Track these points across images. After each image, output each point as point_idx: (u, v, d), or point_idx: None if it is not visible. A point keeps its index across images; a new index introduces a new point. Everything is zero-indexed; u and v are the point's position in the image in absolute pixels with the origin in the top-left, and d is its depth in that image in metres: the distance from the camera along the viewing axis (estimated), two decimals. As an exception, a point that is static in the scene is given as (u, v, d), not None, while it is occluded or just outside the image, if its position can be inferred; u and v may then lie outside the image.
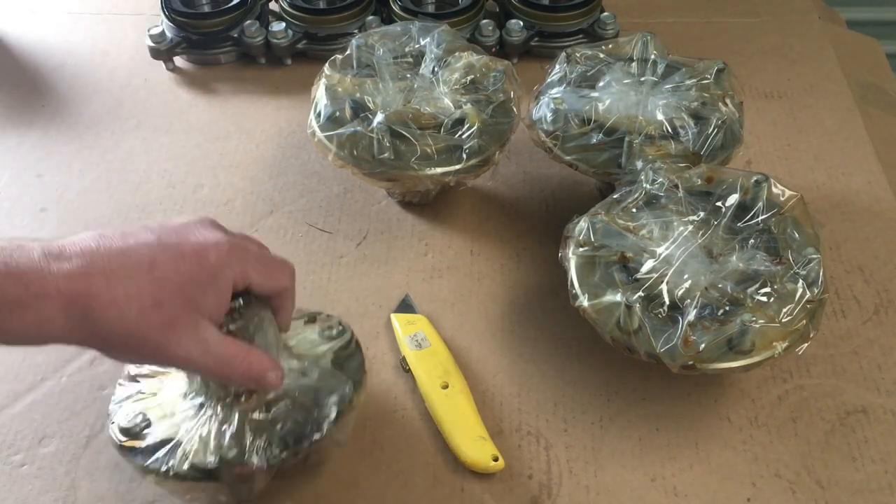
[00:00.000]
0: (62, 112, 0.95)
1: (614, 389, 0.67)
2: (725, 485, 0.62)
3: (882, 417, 0.65)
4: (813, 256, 0.62)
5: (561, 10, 0.98)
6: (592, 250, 0.64)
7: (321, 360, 0.60)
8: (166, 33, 0.98)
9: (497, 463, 0.61)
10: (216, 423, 0.55)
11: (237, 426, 0.54)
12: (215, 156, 0.89)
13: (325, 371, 0.58)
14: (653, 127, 0.73)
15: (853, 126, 0.90)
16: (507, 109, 0.76)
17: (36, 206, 0.84)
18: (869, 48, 1.05)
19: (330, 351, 0.60)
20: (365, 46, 0.80)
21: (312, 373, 0.58)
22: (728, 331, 0.59)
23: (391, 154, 0.72)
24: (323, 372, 0.58)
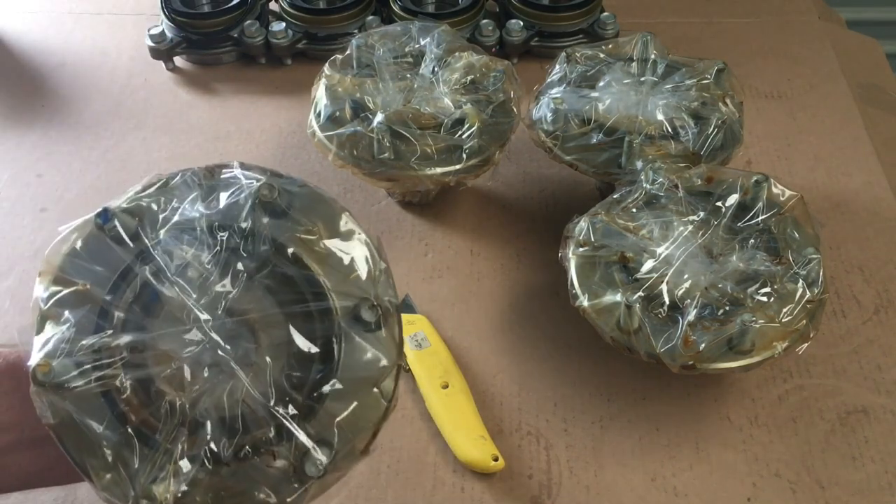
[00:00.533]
0: (62, 112, 0.95)
1: (614, 389, 0.67)
2: (726, 484, 0.62)
3: (882, 417, 0.65)
4: (813, 256, 0.62)
5: (561, 10, 0.98)
6: (592, 250, 0.64)
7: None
8: (166, 33, 0.98)
9: (497, 463, 0.61)
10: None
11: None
12: (215, 156, 0.89)
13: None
14: (653, 127, 0.73)
15: (853, 126, 0.90)
16: (507, 109, 0.76)
17: (36, 206, 0.84)
18: (869, 48, 1.05)
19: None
20: (365, 46, 0.80)
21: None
22: (728, 331, 0.59)
23: (391, 154, 0.72)
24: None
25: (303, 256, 0.46)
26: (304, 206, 0.47)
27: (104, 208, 0.45)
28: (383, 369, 0.45)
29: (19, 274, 0.78)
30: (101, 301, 0.44)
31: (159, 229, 0.45)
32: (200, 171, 0.48)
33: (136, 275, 0.45)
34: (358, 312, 0.45)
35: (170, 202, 0.46)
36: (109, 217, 0.45)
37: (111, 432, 0.43)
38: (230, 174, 0.48)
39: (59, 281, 0.45)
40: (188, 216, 0.46)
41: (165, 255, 0.45)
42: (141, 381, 0.44)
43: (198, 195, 0.47)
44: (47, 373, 0.43)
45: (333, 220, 0.47)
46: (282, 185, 0.47)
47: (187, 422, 0.44)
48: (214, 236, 0.45)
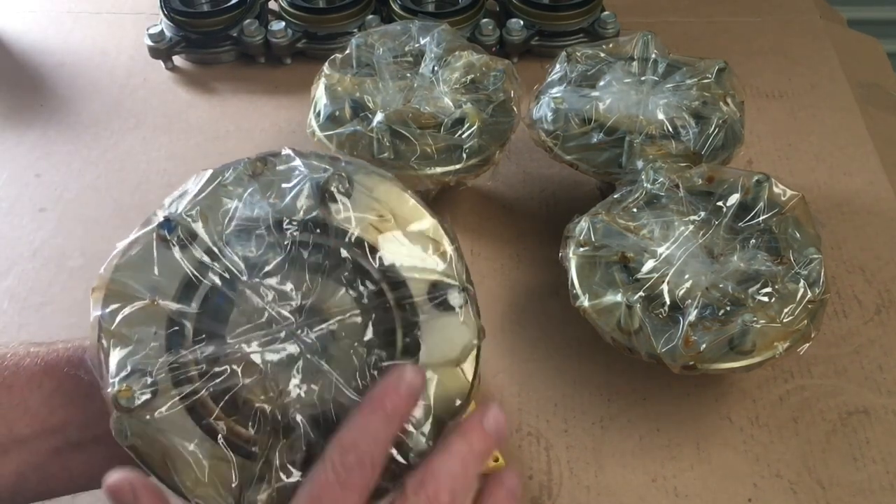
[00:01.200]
0: (61, 111, 0.95)
1: (615, 389, 0.67)
2: (726, 485, 0.62)
3: (883, 417, 0.65)
4: (814, 256, 0.62)
5: (561, 10, 0.98)
6: (593, 250, 0.64)
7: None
8: (165, 32, 0.98)
9: (497, 463, 0.61)
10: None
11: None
12: (215, 155, 0.89)
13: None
14: (653, 126, 0.72)
15: (854, 125, 0.90)
16: (508, 109, 0.76)
17: (35, 206, 0.84)
18: (870, 47, 1.05)
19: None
20: (365, 46, 0.79)
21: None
22: (729, 331, 0.59)
23: (391, 154, 0.72)
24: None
25: (376, 244, 0.44)
26: (367, 189, 0.45)
27: (166, 218, 0.43)
28: (465, 348, 0.44)
29: (18, 274, 0.78)
30: (170, 314, 0.42)
31: (223, 231, 0.43)
32: (252, 162, 0.46)
33: (202, 282, 0.43)
34: (437, 295, 0.44)
35: (227, 200, 0.44)
36: (173, 227, 0.43)
37: (201, 448, 0.42)
38: (286, 165, 0.46)
39: (120, 297, 0.42)
40: (250, 214, 0.44)
41: (233, 258, 0.43)
42: (226, 392, 0.42)
43: (255, 189, 0.45)
44: (130, 398, 0.41)
45: (400, 201, 0.45)
46: (344, 171, 0.45)
47: (280, 428, 0.42)
48: (282, 232, 0.43)
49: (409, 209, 0.45)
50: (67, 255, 0.79)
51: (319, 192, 0.44)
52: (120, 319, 0.42)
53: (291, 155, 0.46)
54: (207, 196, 0.44)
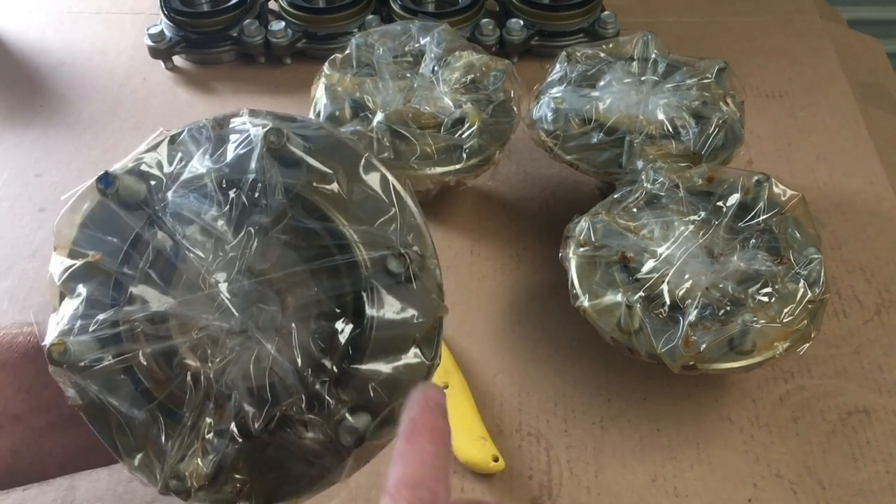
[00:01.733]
0: (61, 111, 0.95)
1: (615, 390, 0.67)
2: (726, 485, 0.61)
3: (884, 418, 0.65)
4: (814, 256, 0.62)
5: (561, 10, 0.98)
6: (593, 250, 0.64)
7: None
8: (165, 32, 0.98)
9: (497, 463, 0.61)
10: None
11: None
12: (215, 155, 0.89)
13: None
14: (653, 126, 0.72)
15: (854, 125, 0.90)
16: (508, 109, 0.76)
17: (34, 206, 0.84)
18: (870, 47, 1.05)
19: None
20: (365, 45, 0.79)
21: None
22: (729, 331, 0.59)
23: (391, 154, 0.72)
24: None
25: (322, 206, 0.41)
26: (320, 150, 0.43)
27: (105, 172, 0.42)
28: (420, 325, 0.41)
29: (18, 274, 0.77)
30: (114, 272, 0.41)
31: (167, 190, 0.42)
32: (208, 122, 0.44)
33: (147, 242, 0.41)
34: (387, 264, 0.41)
35: (176, 159, 0.43)
36: (111, 181, 0.42)
37: (137, 410, 0.40)
38: (238, 124, 0.44)
39: (72, 254, 0.42)
40: (196, 173, 0.42)
41: (175, 218, 0.41)
42: (163, 354, 0.41)
43: (206, 149, 0.43)
44: (63, 352, 0.40)
45: (354, 163, 0.43)
46: (294, 130, 0.42)
47: (213, 394, 0.40)
48: (225, 192, 0.41)
49: (362, 171, 0.43)
50: (67, 255, 0.79)
51: (261, 151, 0.42)
52: (66, 276, 0.41)
53: (245, 114, 0.44)
54: (155, 153, 0.43)
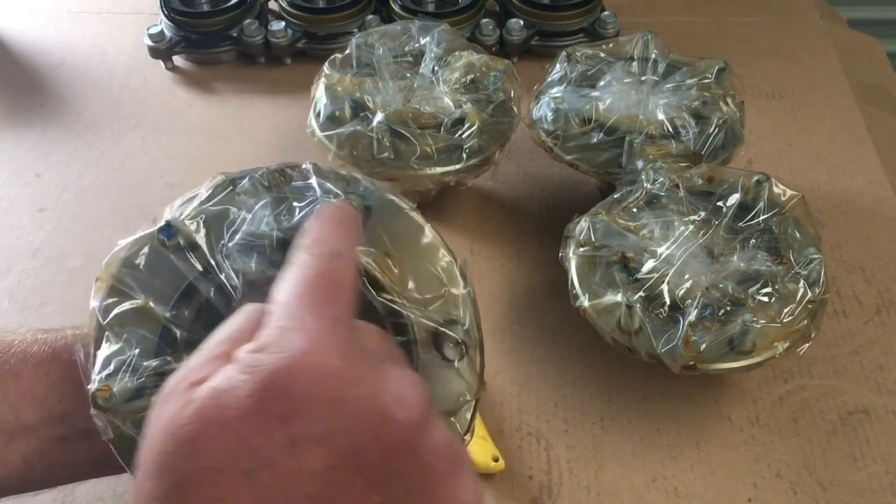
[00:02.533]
0: (60, 111, 0.95)
1: (615, 390, 0.67)
2: (726, 485, 0.61)
3: (884, 418, 0.65)
4: (814, 256, 0.62)
5: (561, 10, 0.98)
6: (593, 250, 0.64)
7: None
8: (165, 32, 0.98)
9: (497, 463, 0.61)
10: None
11: None
12: (215, 155, 0.89)
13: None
14: (653, 126, 0.72)
15: (854, 126, 0.90)
16: (508, 109, 0.76)
17: (34, 206, 0.84)
18: (870, 47, 1.05)
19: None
20: (365, 45, 0.79)
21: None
22: (729, 331, 0.59)
23: (391, 154, 0.72)
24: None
25: (380, 280, 0.42)
26: (381, 219, 0.43)
27: (167, 223, 0.42)
28: (460, 401, 0.42)
29: (18, 274, 0.77)
30: (162, 320, 0.41)
31: (226, 243, 0.42)
32: (268, 173, 0.44)
33: (199, 293, 0.42)
34: (439, 344, 0.41)
35: (237, 211, 0.43)
36: (173, 233, 0.42)
37: None
38: (302, 182, 0.43)
39: (117, 292, 0.42)
40: (257, 230, 0.42)
41: (232, 273, 0.41)
42: None
43: (267, 203, 0.43)
44: (108, 398, 0.40)
45: (415, 237, 0.43)
46: (359, 200, 0.42)
47: None
48: (286, 252, 0.41)
49: (424, 245, 0.44)
50: (67, 255, 0.79)
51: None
52: (113, 316, 0.41)
53: (310, 171, 0.44)
54: (216, 203, 0.43)
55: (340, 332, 0.33)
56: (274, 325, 0.33)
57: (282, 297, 0.34)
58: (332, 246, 0.36)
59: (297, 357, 0.31)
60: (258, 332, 0.33)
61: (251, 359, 0.31)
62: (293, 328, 0.32)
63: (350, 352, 0.32)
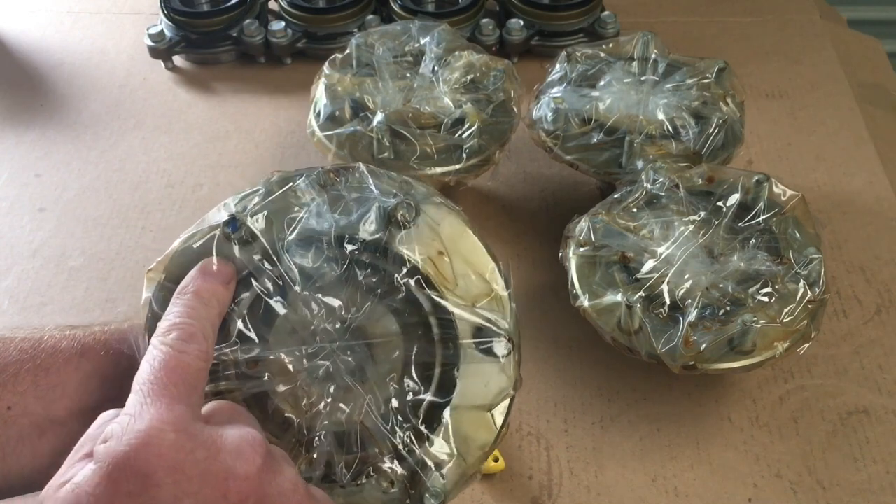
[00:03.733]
0: (60, 111, 0.95)
1: (615, 390, 0.67)
2: (727, 485, 0.61)
3: (884, 418, 0.65)
4: (814, 256, 0.62)
5: (561, 10, 0.98)
6: (593, 250, 0.64)
7: None
8: (165, 32, 0.98)
9: (497, 463, 0.61)
10: None
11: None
12: (214, 155, 0.89)
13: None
14: (653, 126, 0.72)
15: (854, 125, 0.90)
16: (508, 109, 0.76)
17: (34, 206, 0.84)
18: (870, 47, 1.05)
19: None
20: (364, 45, 0.79)
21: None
22: (729, 331, 0.59)
23: (391, 154, 0.72)
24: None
25: (431, 278, 0.44)
26: (432, 221, 0.45)
27: (233, 216, 0.44)
28: (498, 395, 0.44)
29: (18, 274, 0.77)
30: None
31: (286, 238, 0.44)
32: (325, 172, 0.46)
33: (256, 284, 0.43)
34: (482, 340, 0.43)
35: (295, 207, 0.45)
36: (238, 226, 0.43)
37: None
38: (358, 182, 0.46)
39: (174, 284, 0.43)
40: (315, 226, 0.44)
41: (290, 266, 0.43)
42: (257, 396, 0.43)
43: (324, 201, 0.45)
44: None
45: (463, 237, 0.45)
46: (413, 200, 0.44)
47: (304, 441, 0.43)
48: (342, 249, 0.44)
49: (469, 246, 0.45)
50: (67, 255, 0.79)
51: (385, 217, 0.44)
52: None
53: (364, 172, 0.46)
54: (276, 199, 0.45)
55: (176, 411, 0.37)
56: (122, 415, 0.37)
57: (134, 384, 0.38)
58: (181, 332, 0.40)
59: (138, 438, 0.35)
60: (108, 425, 0.37)
61: (101, 450, 0.35)
62: (134, 414, 0.36)
63: (184, 426, 0.36)
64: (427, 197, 0.46)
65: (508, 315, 0.45)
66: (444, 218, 0.45)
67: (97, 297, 0.75)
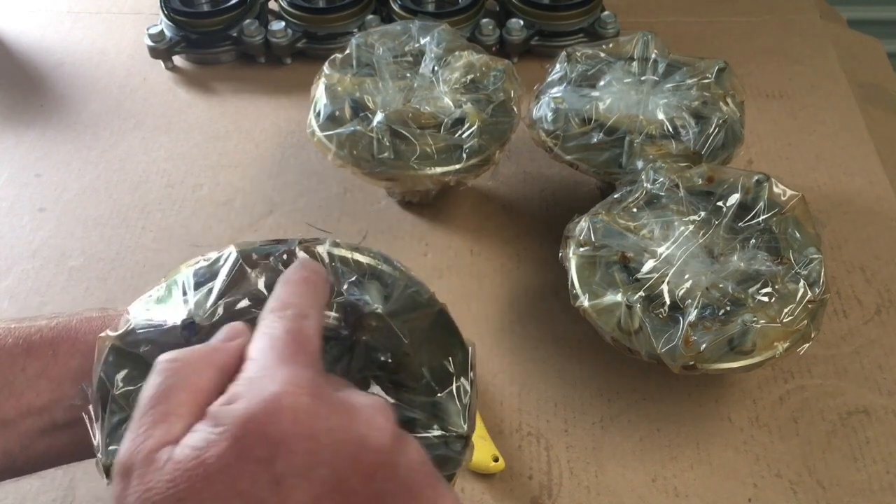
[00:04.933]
0: (60, 111, 0.95)
1: (615, 390, 0.67)
2: (727, 485, 0.61)
3: (884, 418, 0.65)
4: (814, 256, 0.62)
5: (561, 9, 0.98)
6: (593, 250, 0.64)
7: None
8: (165, 32, 0.98)
9: (497, 463, 0.61)
10: None
11: None
12: (214, 155, 0.89)
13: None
14: (653, 126, 0.72)
15: (854, 125, 0.90)
16: (508, 109, 0.76)
17: (34, 206, 0.84)
18: (870, 47, 1.05)
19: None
20: (364, 45, 0.79)
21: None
22: (729, 331, 0.59)
23: (391, 153, 0.72)
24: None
25: (399, 376, 0.43)
26: (402, 309, 0.44)
27: (192, 322, 0.41)
28: (447, 473, 0.43)
29: (18, 274, 0.77)
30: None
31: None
32: (292, 246, 0.44)
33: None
34: (448, 443, 0.43)
35: (255, 299, 0.42)
36: (196, 332, 0.41)
37: None
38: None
39: (123, 358, 0.41)
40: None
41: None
42: None
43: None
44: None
45: (431, 328, 0.45)
46: (383, 296, 0.43)
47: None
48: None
49: (438, 335, 0.45)
50: (67, 255, 0.79)
51: (353, 315, 0.43)
52: (123, 389, 0.41)
53: (336, 261, 0.44)
54: (233, 292, 0.42)
55: (307, 374, 0.35)
56: (243, 378, 0.35)
57: (252, 353, 0.36)
58: (297, 308, 0.39)
59: (270, 401, 0.33)
60: (229, 386, 0.35)
61: (223, 411, 0.33)
62: (262, 377, 0.35)
63: (318, 390, 0.35)
64: (400, 284, 0.45)
65: (465, 409, 0.44)
66: (413, 309, 0.44)
67: (97, 297, 0.75)
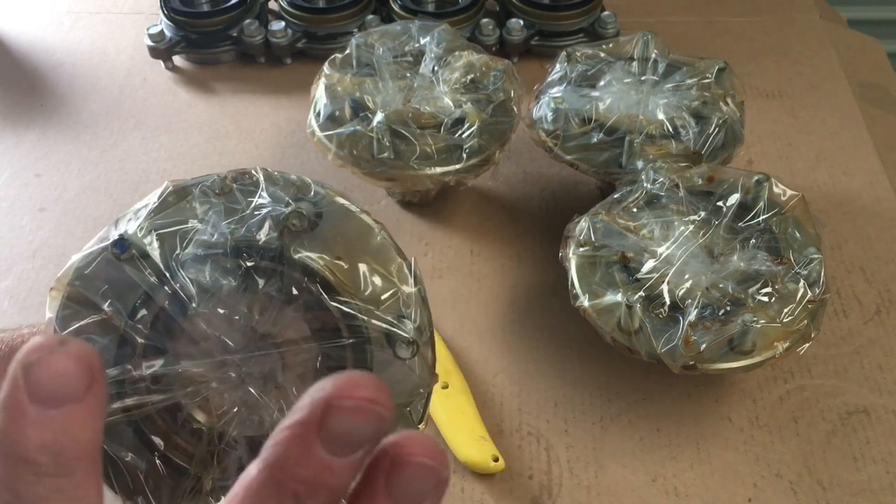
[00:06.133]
0: (60, 111, 0.95)
1: (615, 390, 0.67)
2: (726, 485, 0.61)
3: (884, 418, 0.65)
4: (814, 256, 0.62)
5: (561, 9, 0.98)
6: (593, 250, 0.64)
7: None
8: (165, 32, 0.98)
9: (497, 463, 0.61)
10: None
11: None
12: (214, 155, 0.89)
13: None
14: (654, 126, 0.72)
15: (854, 126, 0.90)
16: (508, 109, 0.76)
17: (34, 206, 0.84)
18: (870, 47, 1.05)
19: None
20: (364, 45, 0.79)
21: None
22: (729, 331, 0.59)
23: (391, 153, 0.72)
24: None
25: (333, 283, 0.43)
26: (333, 223, 0.44)
27: (121, 237, 0.43)
28: (413, 394, 0.44)
29: (18, 274, 0.77)
30: (121, 328, 0.42)
31: (180, 253, 0.43)
32: (219, 181, 0.45)
33: (155, 302, 0.42)
34: (392, 342, 0.43)
35: (189, 219, 0.44)
36: (126, 247, 0.43)
37: (139, 460, 0.42)
38: (253, 189, 0.44)
39: (75, 304, 0.42)
40: (209, 239, 0.43)
41: (187, 282, 0.42)
42: (168, 409, 0.42)
43: (219, 212, 0.44)
44: None
45: (367, 239, 0.45)
46: (309, 207, 0.44)
47: (217, 450, 0.42)
48: (239, 260, 0.43)
49: (376, 246, 0.45)
50: (67, 255, 0.79)
51: (280, 224, 0.43)
52: (73, 328, 0.42)
53: (260, 179, 0.45)
54: (170, 213, 0.44)
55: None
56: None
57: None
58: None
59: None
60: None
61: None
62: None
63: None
64: (326, 199, 0.45)
65: (415, 312, 0.44)
66: (346, 220, 0.45)
67: (97, 297, 0.75)
